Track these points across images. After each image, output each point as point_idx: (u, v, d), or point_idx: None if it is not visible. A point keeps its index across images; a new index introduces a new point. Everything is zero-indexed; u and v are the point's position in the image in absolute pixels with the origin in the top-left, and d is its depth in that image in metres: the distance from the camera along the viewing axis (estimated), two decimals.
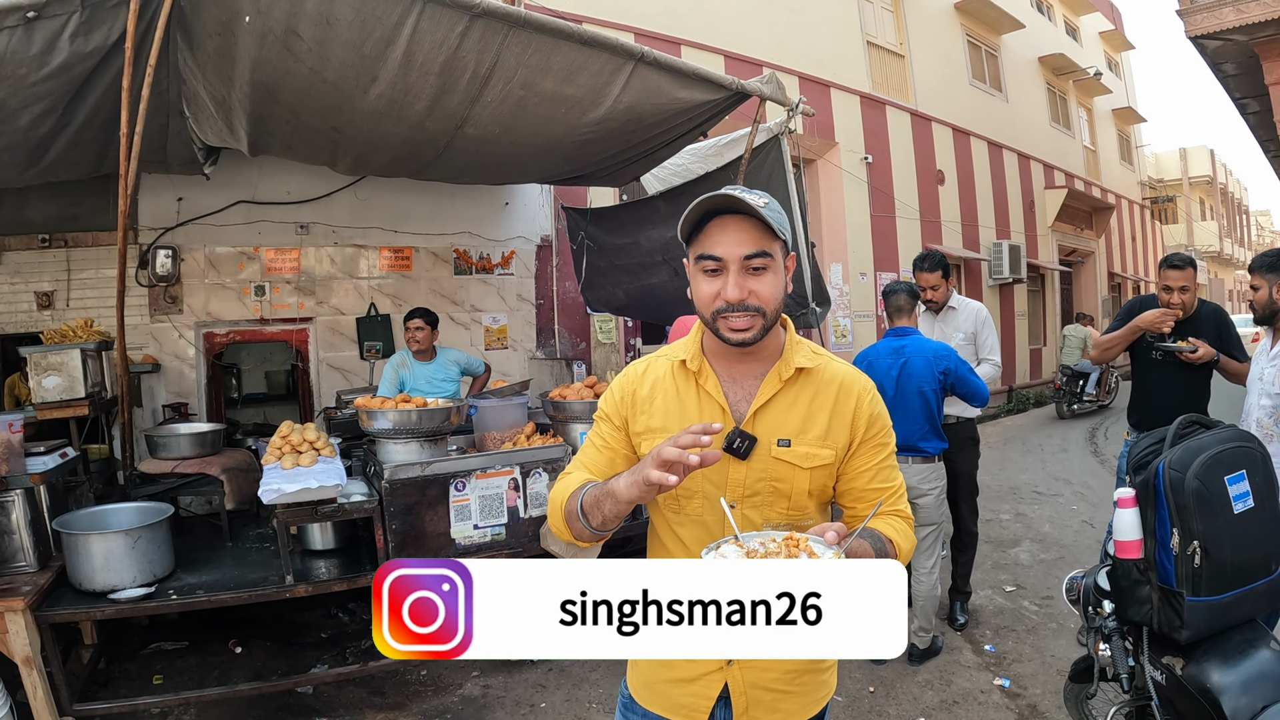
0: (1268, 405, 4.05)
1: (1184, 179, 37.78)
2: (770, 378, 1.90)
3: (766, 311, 1.80)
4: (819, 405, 1.91)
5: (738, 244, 1.76)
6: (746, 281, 1.77)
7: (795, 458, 1.87)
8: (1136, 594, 3.00)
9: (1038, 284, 20.39)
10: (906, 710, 4.35)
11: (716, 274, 1.79)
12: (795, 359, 1.91)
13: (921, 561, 4.91)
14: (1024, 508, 8.47)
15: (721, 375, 1.93)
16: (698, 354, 1.94)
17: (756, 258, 1.77)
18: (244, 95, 4.57)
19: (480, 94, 4.75)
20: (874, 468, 1.94)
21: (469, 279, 8.57)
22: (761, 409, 1.89)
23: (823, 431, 1.89)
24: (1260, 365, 4.18)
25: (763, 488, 1.89)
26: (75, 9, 3.82)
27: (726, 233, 1.78)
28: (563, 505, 1.89)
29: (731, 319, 1.79)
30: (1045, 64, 21.20)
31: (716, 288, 1.79)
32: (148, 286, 7.21)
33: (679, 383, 1.96)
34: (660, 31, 11.05)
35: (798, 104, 5.84)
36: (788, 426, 1.89)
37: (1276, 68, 9.86)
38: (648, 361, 2.06)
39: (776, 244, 1.79)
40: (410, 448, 4.50)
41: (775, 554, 1.62)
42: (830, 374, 1.94)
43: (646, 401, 1.97)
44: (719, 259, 1.78)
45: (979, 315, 5.67)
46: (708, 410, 1.90)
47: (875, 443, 1.95)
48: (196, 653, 4.96)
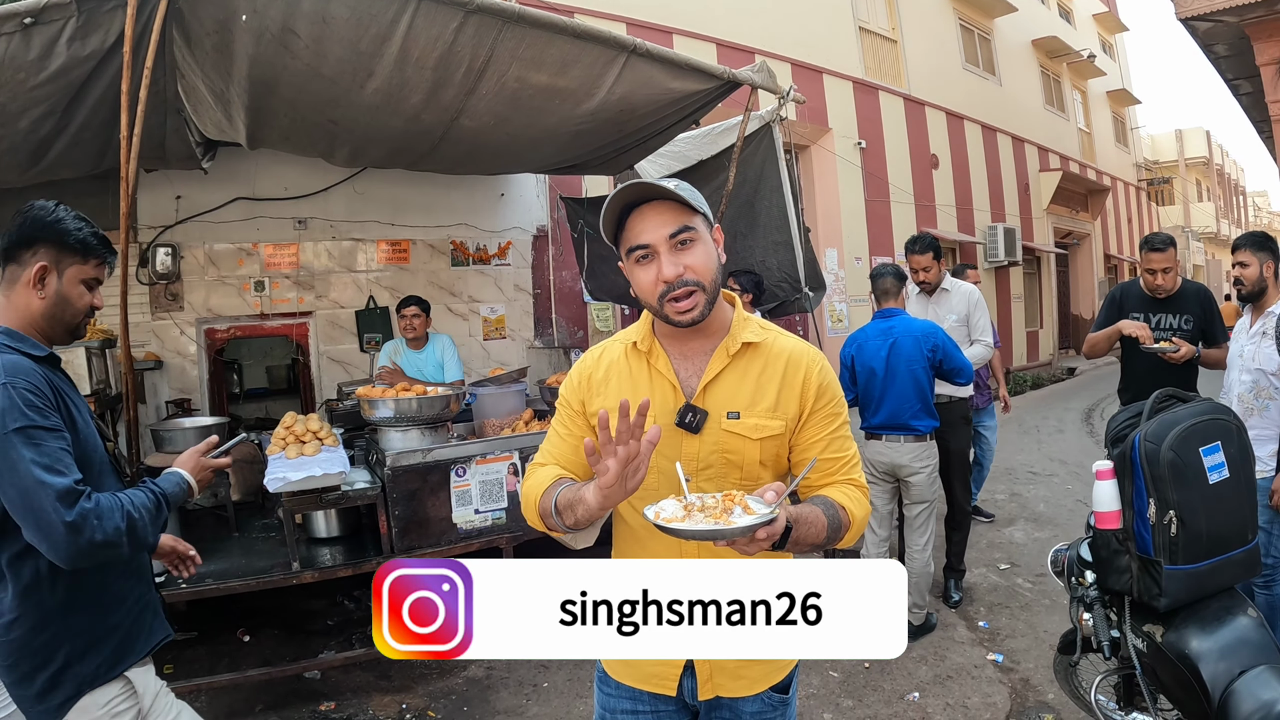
0: (1247, 381, 4.14)
1: (1180, 160, 37.70)
2: (718, 353, 1.95)
3: (704, 284, 1.85)
4: (768, 378, 1.95)
5: (660, 225, 1.83)
6: (679, 257, 1.83)
7: (744, 429, 1.92)
8: (1116, 564, 3.08)
9: (1034, 267, 20.44)
10: (901, 685, 4.44)
11: (649, 259, 1.85)
12: (742, 334, 1.96)
13: (915, 539, 4.98)
14: (1019, 487, 8.56)
15: (672, 354, 1.99)
16: (648, 334, 2.00)
17: (681, 233, 1.83)
18: (242, 90, 4.62)
19: (475, 87, 4.81)
20: (826, 438, 1.98)
21: (466, 270, 8.63)
22: (711, 383, 1.94)
23: (772, 403, 1.94)
24: (1240, 343, 4.27)
25: (715, 459, 1.93)
26: (72, 14, 3.87)
27: (646, 220, 1.84)
28: (536, 503, 1.94)
29: (676, 300, 1.84)
30: (1039, 47, 21.20)
31: (653, 273, 1.85)
32: (148, 284, 7.26)
33: (631, 364, 2.02)
34: (653, 21, 11.09)
35: (789, 91, 5.90)
36: (737, 400, 1.94)
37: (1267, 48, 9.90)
38: (603, 346, 2.12)
39: (697, 218, 1.86)
40: (411, 435, 4.58)
41: (713, 508, 1.65)
42: (779, 348, 1.99)
43: (601, 384, 2.03)
44: (647, 245, 1.84)
45: (971, 297, 5.72)
46: (659, 388, 1.97)
47: (826, 413, 1.98)
48: (206, 642, 5.05)
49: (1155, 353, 4.63)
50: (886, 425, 4.91)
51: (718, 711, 2.05)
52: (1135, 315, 4.91)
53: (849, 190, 14.09)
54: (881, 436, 4.94)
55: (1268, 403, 4.06)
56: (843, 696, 4.35)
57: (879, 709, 4.23)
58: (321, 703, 4.47)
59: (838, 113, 14.03)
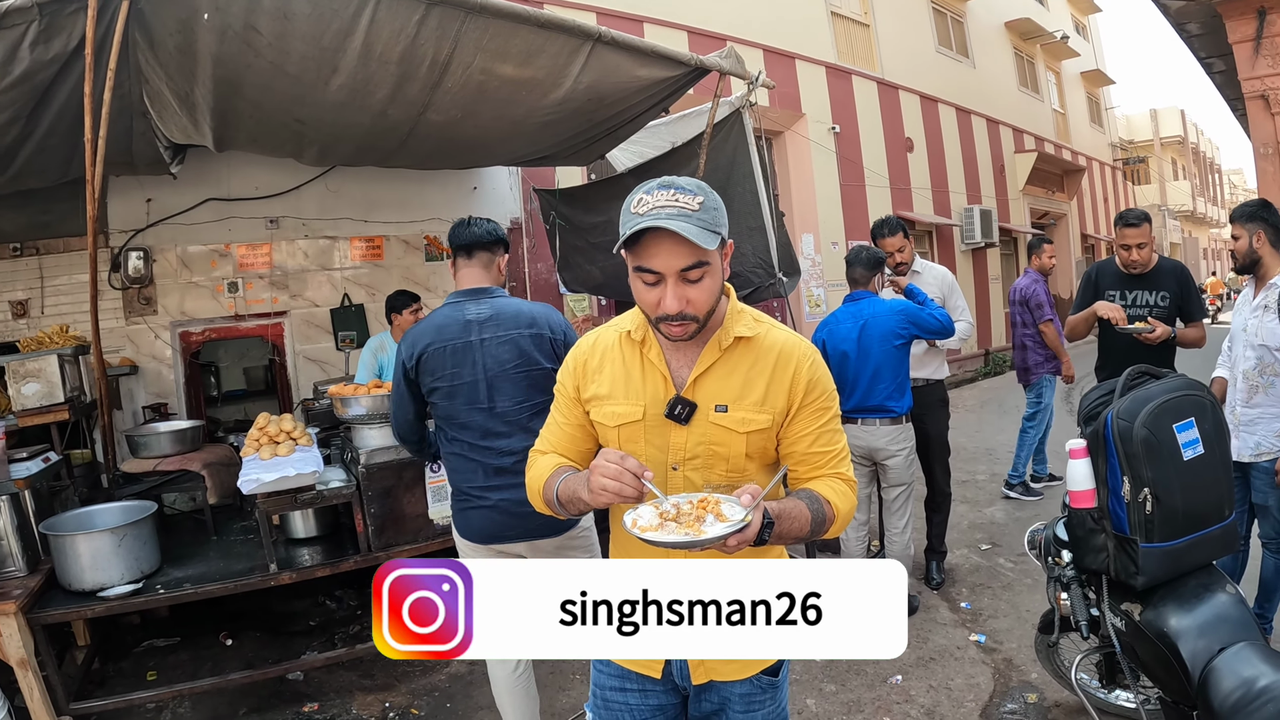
0: (1252, 358, 4.07)
1: (1155, 139, 37.91)
2: (710, 346, 1.96)
3: (700, 317, 1.87)
4: (758, 372, 1.96)
5: (674, 258, 1.80)
6: (685, 291, 1.82)
7: (732, 422, 1.94)
8: (1092, 542, 3.08)
9: (1010, 248, 20.49)
10: (884, 668, 4.44)
11: (655, 285, 1.84)
12: (735, 328, 1.97)
13: (894, 521, 4.99)
14: (1000, 468, 8.58)
15: (665, 344, 2.00)
16: (642, 324, 2.00)
17: (694, 269, 1.81)
18: (207, 91, 4.58)
19: (441, 80, 4.78)
20: (815, 431, 1.99)
21: (441, 265, 8.56)
22: (701, 376, 1.96)
23: (760, 397, 1.95)
24: (1243, 316, 4.19)
25: (702, 451, 1.96)
26: (34, 18, 3.82)
27: (662, 247, 1.80)
28: (540, 493, 2.04)
29: (671, 326, 1.86)
30: (1012, 29, 21.25)
31: (656, 297, 1.84)
32: (121, 289, 7.20)
33: (625, 351, 2.04)
34: (622, 10, 11.05)
35: (757, 77, 5.88)
36: (726, 393, 1.95)
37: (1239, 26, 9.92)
38: (599, 332, 2.14)
39: (711, 251, 1.82)
40: (385, 432, 4.54)
41: (688, 514, 1.67)
42: (770, 341, 2.00)
43: (596, 370, 2.06)
44: (657, 273, 1.82)
45: (945, 279, 5.72)
46: (650, 378, 1.99)
47: (816, 407, 1.99)
48: (189, 647, 5.02)
49: (1131, 333, 4.63)
50: (861, 408, 4.91)
51: (707, 694, 2.07)
52: (1111, 293, 4.91)
53: (824, 175, 14.10)
54: (857, 420, 4.95)
55: (1274, 379, 3.99)
56: (825, 681, 4.36)
57: (862, 693, 4.23)
58: (305, 704, 4.46)
59: (811, 98, 14.02)
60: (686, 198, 1.78)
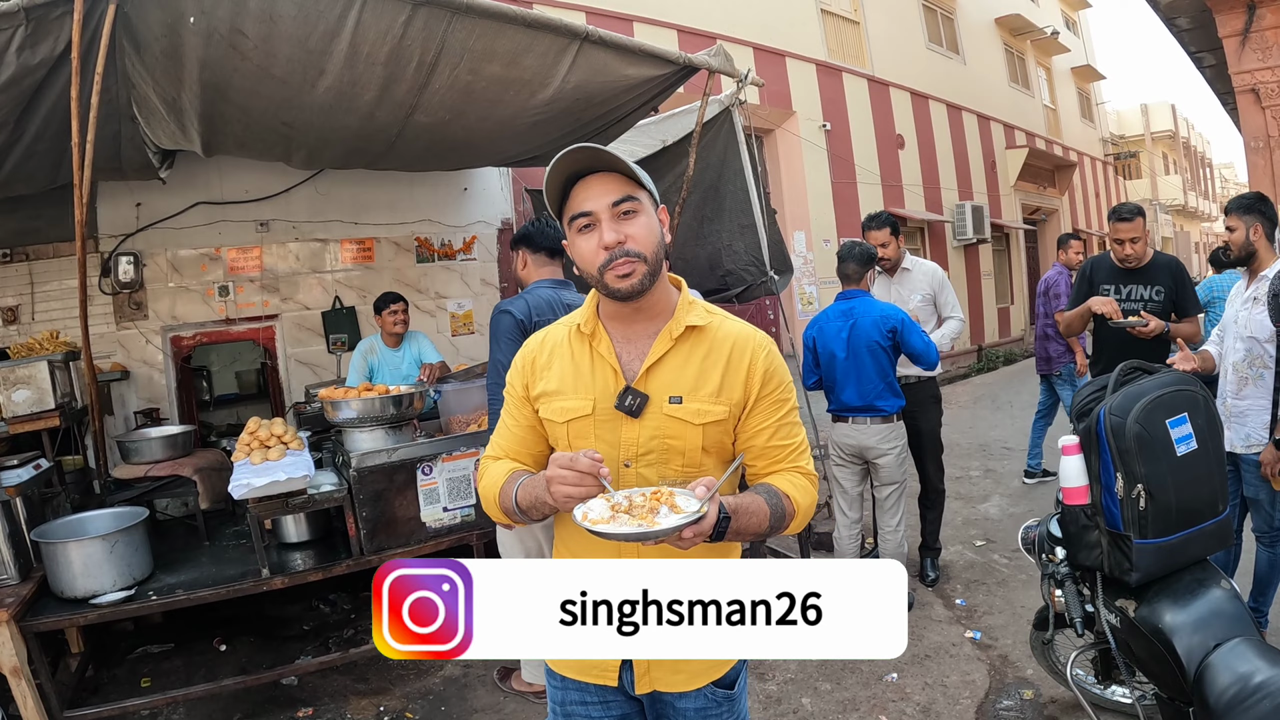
0: (1241, 350, 4.06)
1: (1146, 134, 37.93)
2: (662, 336, 1.92)
3: (646, 256, 1.83)
4: (712, 362, 1.92)
5: (603, 194, 1.82)
6: (620, 226, 1.82)
7: (687, 414, 1.89)
8: (1086, 539, 3.07)
9: (1002, 243, 20.53)
10: (879, 666, 4.43)
11: (591, 229, 1.84)
12: (687, 317, 1.93)
13: (887, 520, 4.98)
14: (993, 464, 8.60)
15: (615, 337, 1.96)
16: (592, 317, 1.98)
17: (624, 202, 1.82)
18: (194, 95, 4.57)
19: (428, 81, 4.77)
20: (773, 424, 1.95)
21: (432, 266, 8.56)
22: (653, 367, 1.91)
23: (715, 388, 1.91)
24: (1234, 308, 4.19)
25: (656, 445, 1.90)
26: (20, 22, 3.81)
27: (590, 188, 1.83)
28: (496, 500, 1.98)
29: (616, 266, 1.82)
30: (1002, 25, 21.28)
31: (594, 241, 1.83)
32: (112, 294, 7.17)
33: (574, 346, 2.00)
34: (611, 9, 11.04)
35: (746, 75, 5.88)
36: (680, 384, 1.91)
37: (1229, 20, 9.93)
38: (548, 329, 2.11)
39: (642, 192, 1.85)
40: (376, 435, 4.53)
41: (641, 507, 1.64)
42: (725, 332, 1.96)
43: (545, 367, 2.01)
44: (590, 213, 1.82)
45: (935, 275, 5.68)
46: (599, 371, 1.95)
47: (774, 399, 1.96)
48: (182, 654, 5.00)
49: (1125, 328, 4.62)
50: (851, 407, 4.91)
51: (659, 706, 2.03)
52: (1106, 287, 4.91)
53: (815, 172, 14.10)
54: (848, 419, 4.94)
55: (1262, 371, 3.98)
56: (820, 680, 4.35)
57: (857, 691, 4.23)
58: (299, 708, 4.45)
59: (801, 95, 14.02)
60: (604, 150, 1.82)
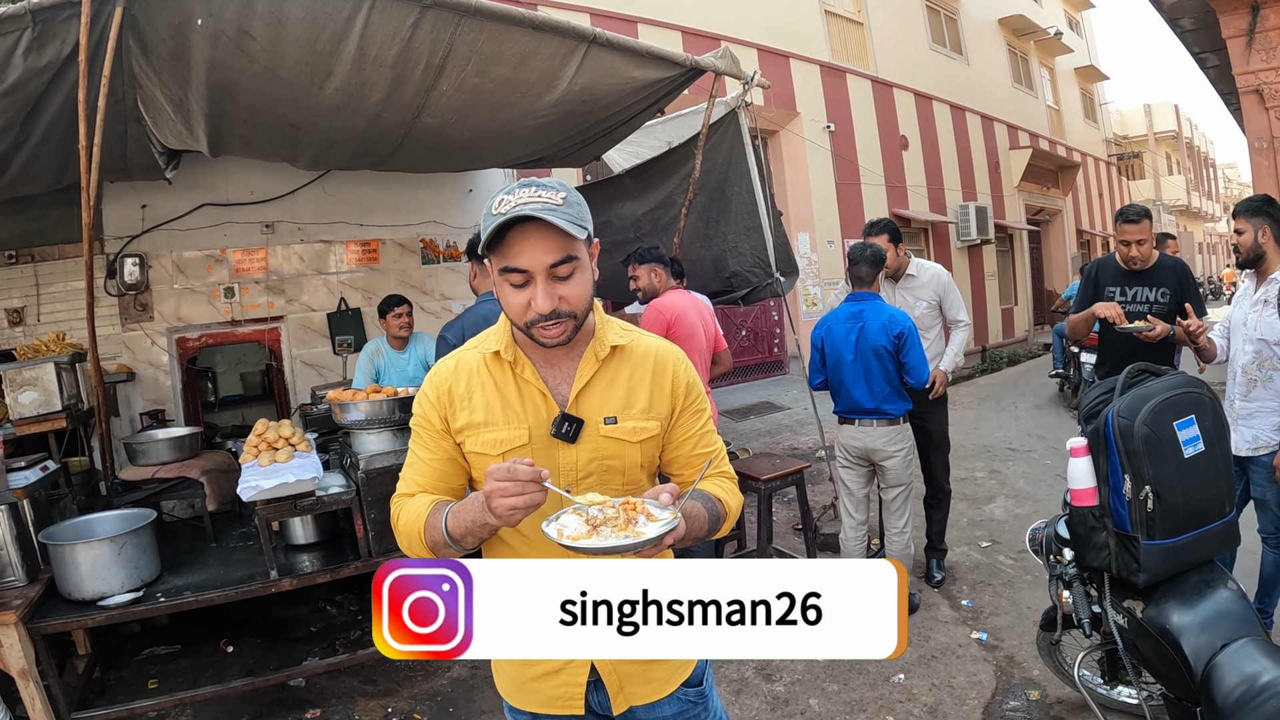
0: (1250, 352, 4.06)
1: (1149, 135, 37.93)
2: (587, 358, 1.89)
3: (578, 314, 1.79)
4: (638, 379, 1.92)
5: (542, 252, 1.71)
6: (555, 289, 1.74)
7: (624, 433, 1.89)
8: (1094, 540, 3.08)
9: (1006, 244, 20.53)
10: (886, 667, 4.43)
11: (523, 286, 1.75)
12: (609, 337, 1.92)
13: (893, 521, 4.98)
14: (998, 465, 8.59)
15: (537, 361, 1.91)
16: (511, 343, 1.91)
17: (563, 264, 1.73)
18: (201, 97, 4.58)
19: (435, 83, 4.78)
20: (696, 434, 1.98)
21: (437, 268, 8.57)
22: (584, 390, 1.89)
23: (646, 404, 1.91)
24: (1243, 310, 4.18)
25: (595, 468, 1.89)
26: (27, 25, 3.83)
27: (529, 241, 1.71)
28: (420, 535, 1.84)
29: (546, 328, 1.77)
30: (1005, 25, 21.28)
31: (525, 298, 1.75)
32: (117, 296, 7.18)
33: (494, 374, 1.92)
34: (617, 11, 11.07)
35: (752, 76, 5.89)
36: (611, 404, 1.89)
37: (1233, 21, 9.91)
38: (456, 356, 2.00)
39: (579, 243, 1.75)
40: (384, 437, 4.53)
41: (614, 519, 1.64)
42: (644, 348, 1.96)
43: (464, 398, 1.92)
44: (525, 271, 1.73)
45: (940, 279, 5.61)
46: (528, 398, 1.89)
47: (694, 409, 1.98)
48: (189, 655, 5.02)
49: (1130, 332, 4.61)
50: (858, 410, 4.90)
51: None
52: (1111, 289, 4.89)
53: (819, 174, 14.11)
54: (854, 421, 4.94)
55: (1271, 374, 3.98)
56: (828, 681, 4.35)
57: (864, 692, 4.23)
58: (307, 710, 4.45)
59: (805, 96, 14.03)
60: (549, 194, 1.71)
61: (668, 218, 7.17)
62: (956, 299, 5.59)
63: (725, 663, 4.59)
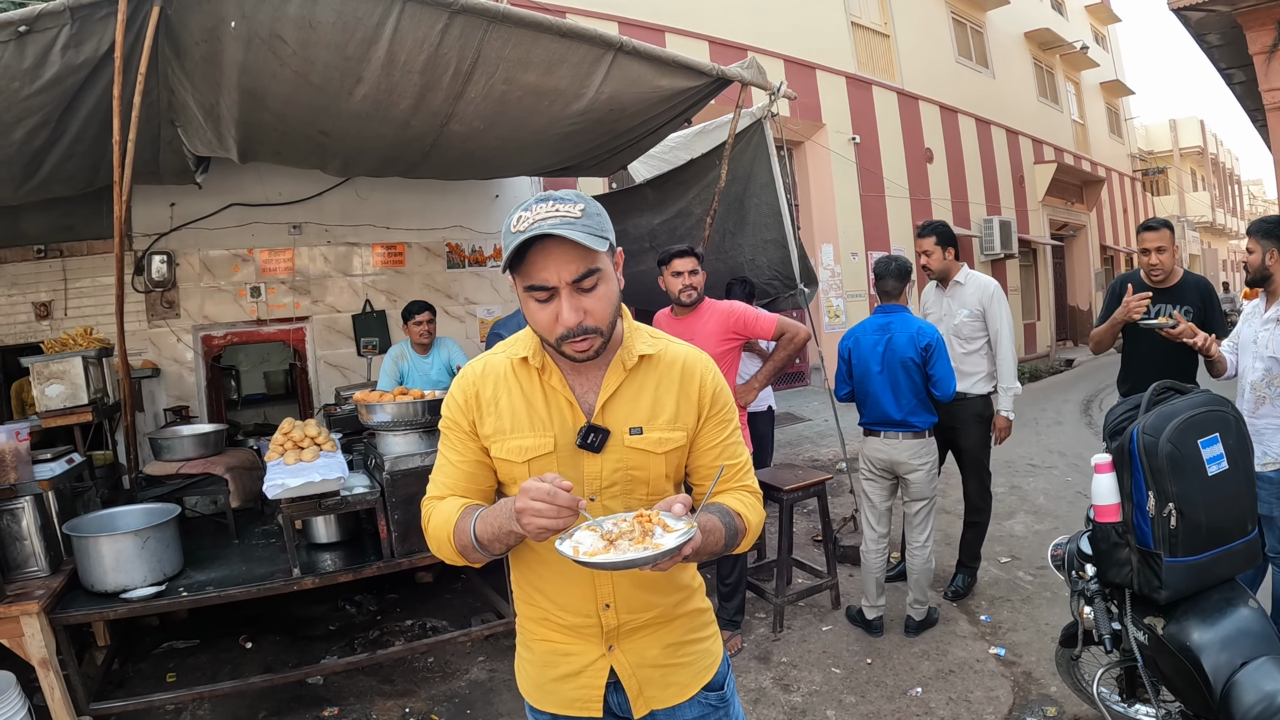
0: (1260, 369, 4.06)
1: (1174, 150, 37.76)
2: (614, 367, 1.88)
3: (603, 329, 1.77)
4: (665, 389, 1.90)
5: (563, 267, 1.69)
6: (580, 303, 1.72)
7: (649, 444, 1.87)
8: (1116, 556, 3.07)
9: (1029, 258, 20.49)
10: (904, 680, 4.43)
11: (548, 302, 1.73)
12: (637, 346, 1.90)
13: (915, 535, 4.95)
14: (1019, 480, 8.56)
15: (565, 369, 1.90)
16: (539, 349, 1.89)
17: (586, 278, 1.71)
18: (232, 102, 4.63)
19: (463, 90, 4.81)
20: (720, 444, 1.95)
21: (462, 272, 8.61)
22: (610, 399, 1.87)
23: (672, 415, 1.89)
24: (1254, 328, 4.18)
25: (620, 477, 1.88)
26: (65, 22, 3.88)
27: (549, 258, 1.69)
28: (450, 539, 1.83)
29: (575, 343, 1.75)
30: (1031, 39, 21.26)
31: (552, 314, 1.73)
32: (144, 292, 7.26)
33: (522, 380, 1.91)
34: (643, 20, 11.11)
35: (779, 87, 5.89)
36: (638, 414, 1.88)
37: (1259, 37, 9.89)
38: (485, 359, 1.98)
39: (601, 255, 1.74)
40: (410, 439, 4.56)
41: (629, 532, 1.63)
42: (672, 356, 1.94)
43: (491, 403, 1.91)
44: (549, 288, 1.71)
45: (986, 289, 5.42)
46: (555, 406, 1.88)
47: (720, 419, 1.95)
48: (208, 650, 5.06)
49: (1154, 329, 4.59)
50: (884, 421, 4.88)
51: None
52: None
53: (844, 185, 14.12)
54: (879, 433, 4.91)
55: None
56: (845, 693, 4.35)
57: (881, 704, 4.22)
58: (325, 708, 4.47)
59: (831, 108, 14.05)
60: (567, 206, 1.69)
61: (684, 227, 7.19)
62: (999, 310, 5.37)
63: (743, 673, 4.60)
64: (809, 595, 5.44)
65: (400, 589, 5.94)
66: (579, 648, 1.95)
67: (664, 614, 1.96)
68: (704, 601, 2.09)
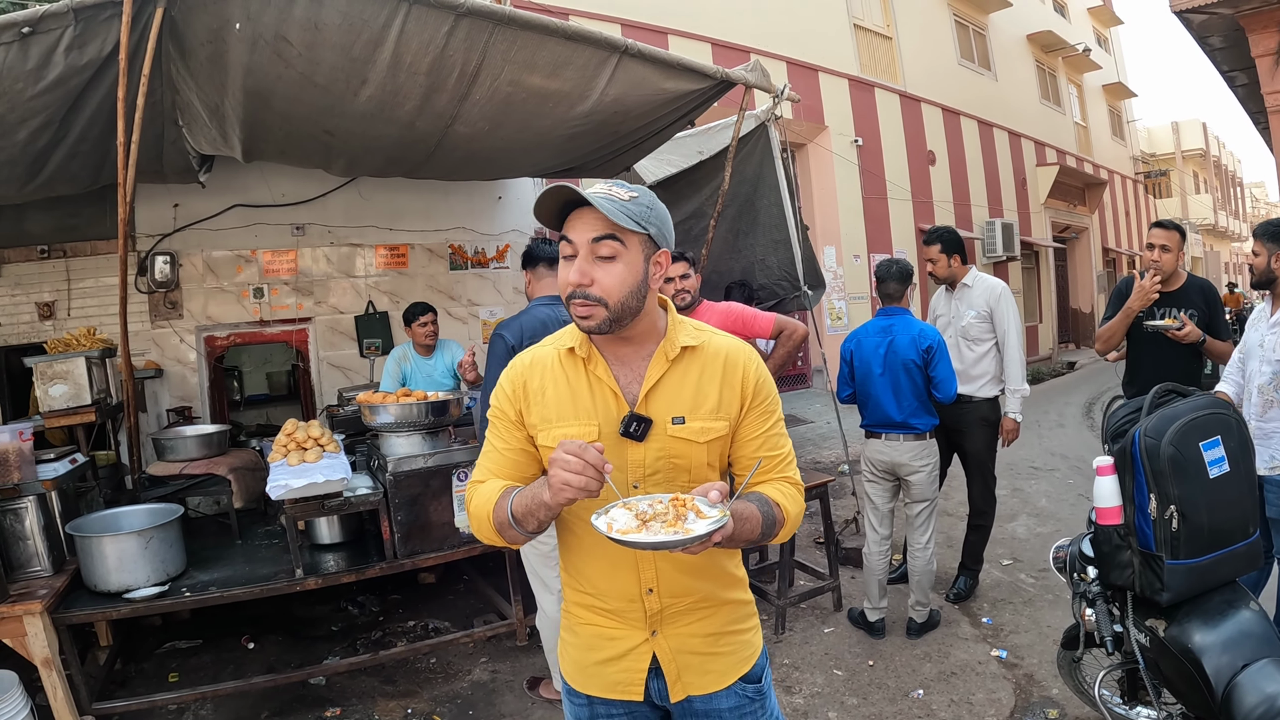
0: (1268, 373, 4.03)
1: (1177, 152, 37.70)
2: (657, 358, 1.92)
3: (608, 303, 1.82)
4: (708, 379, 1.94)
5: (587, 228, 1.81)
6: (591, 268, 1.81)
7: (691, 434, 1.91)
8: (1118, 559, 3.07)
9: (1032, 261, 20.48)
10: (906, 682, 4.44)
11: (570, 259, 1.84)
12: (680, 338, 1.94)
13: (916, 537, 4.95)
14: (1020, 483, 8.56)
15: (609, 358, 1.95)
16: (585, 340, 1.95)
17: (603, 241, 1.79)
18: (237, 102, 4.63)
19: (469, 92, 4.82)
20: (762, 435, 1.98)
21: (465, 273, 8.62)
22: (653, 389, 1.91)
23: (715, 405, 1.93)
24: (1260, 331, 4.16)
25: (662, 465, 1.91)
26: (69, 23, 3.89)
27: (581, 220, 1.82)
28: (489, 517, 1.90)
29: (575, 305, 1.83)
30: (1034, 41, 21.26)
31: (566, 272, 1.84)
32: (147, 293, 7.26)
33: (568, 370, 1.96)
34: (647, 22, 11.12)
35: (783, 90, 5.90)
36: (680, 404, 1.91)
37: (1262, 40, 9.90)
38: (533, 351, 2.05)
39: (632, 236, 1.82)
40: (413, 440, 4.57)
41: (663, 514, 1.67)
42: (715, 347, 1.97)
43: (538, 393, 1.96)
44: (572, 241, 1.83)
45: (994, 290, 5.40)
46: (599, 395, 1.93)
47: (763, 410, 1.98)
48: (210, 650, 5.07)
49: (1160, 330, 4.60)
50: (886, 423, 4.89)
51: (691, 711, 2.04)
52: (1141, 315, 4.90)
53: (846, 188, 14.12)
54: (881, 435, 4.92)
55: None
56: (847, 695, 4.35)
57: (883, 706, 4.23)
58: (327, 708, 4.47)
59: (834, 110, 14.05)
60: (620, 190, 1.83)
61: (698, 229, 7.19)
62: (1007, 310, 5.36)
63: None
64: (811, 597, 5.45)
65: (403, 590, 5.95)
66: (623, 632, 1.99)
67: (706, 599, 1.99)
68: (747, 593, 2.13)
